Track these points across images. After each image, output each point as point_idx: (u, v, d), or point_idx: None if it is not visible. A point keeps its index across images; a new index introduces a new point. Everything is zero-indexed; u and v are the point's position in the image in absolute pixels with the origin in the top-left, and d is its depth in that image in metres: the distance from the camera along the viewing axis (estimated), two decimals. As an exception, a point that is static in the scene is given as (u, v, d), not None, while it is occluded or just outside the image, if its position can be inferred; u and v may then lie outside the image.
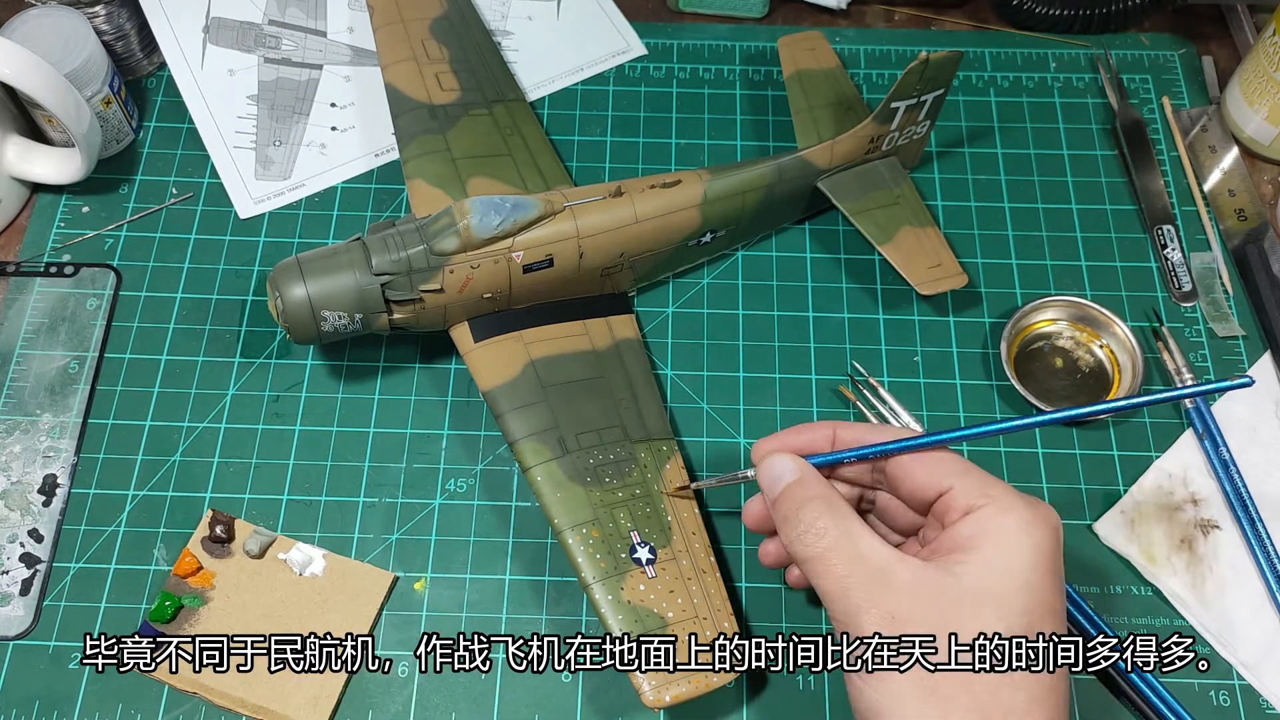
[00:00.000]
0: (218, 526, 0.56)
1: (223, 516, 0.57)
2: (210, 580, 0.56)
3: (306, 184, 0.69)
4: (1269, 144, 0.69)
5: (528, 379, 0.57)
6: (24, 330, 0.63)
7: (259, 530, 0.57)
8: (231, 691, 0.53)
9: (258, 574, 0.56)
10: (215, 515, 0.57)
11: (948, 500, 0.42)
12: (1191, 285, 0.65)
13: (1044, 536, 0.40)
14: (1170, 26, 0.76)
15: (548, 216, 0.58)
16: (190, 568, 0.56)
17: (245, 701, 0.53)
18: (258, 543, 0.56)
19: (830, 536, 0.42)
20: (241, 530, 0.57)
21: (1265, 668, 0.54)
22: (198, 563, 0.56)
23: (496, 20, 0.75)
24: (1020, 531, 0.40)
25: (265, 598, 0.55)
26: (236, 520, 0.57)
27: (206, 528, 0.57)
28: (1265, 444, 0.60)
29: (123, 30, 0.70)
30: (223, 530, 0.56)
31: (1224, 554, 0.57)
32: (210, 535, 0.56)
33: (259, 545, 0.56)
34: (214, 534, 0.56)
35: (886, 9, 0.77)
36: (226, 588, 0.56)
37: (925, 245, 0.64)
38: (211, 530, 0.56)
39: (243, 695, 0.53)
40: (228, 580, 0.56)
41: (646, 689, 0.49)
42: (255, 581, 0.56)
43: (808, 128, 0.67)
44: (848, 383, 0.62)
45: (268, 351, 0.63)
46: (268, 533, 0.57)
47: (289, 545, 0.57)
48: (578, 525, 0.53)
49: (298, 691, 0.53)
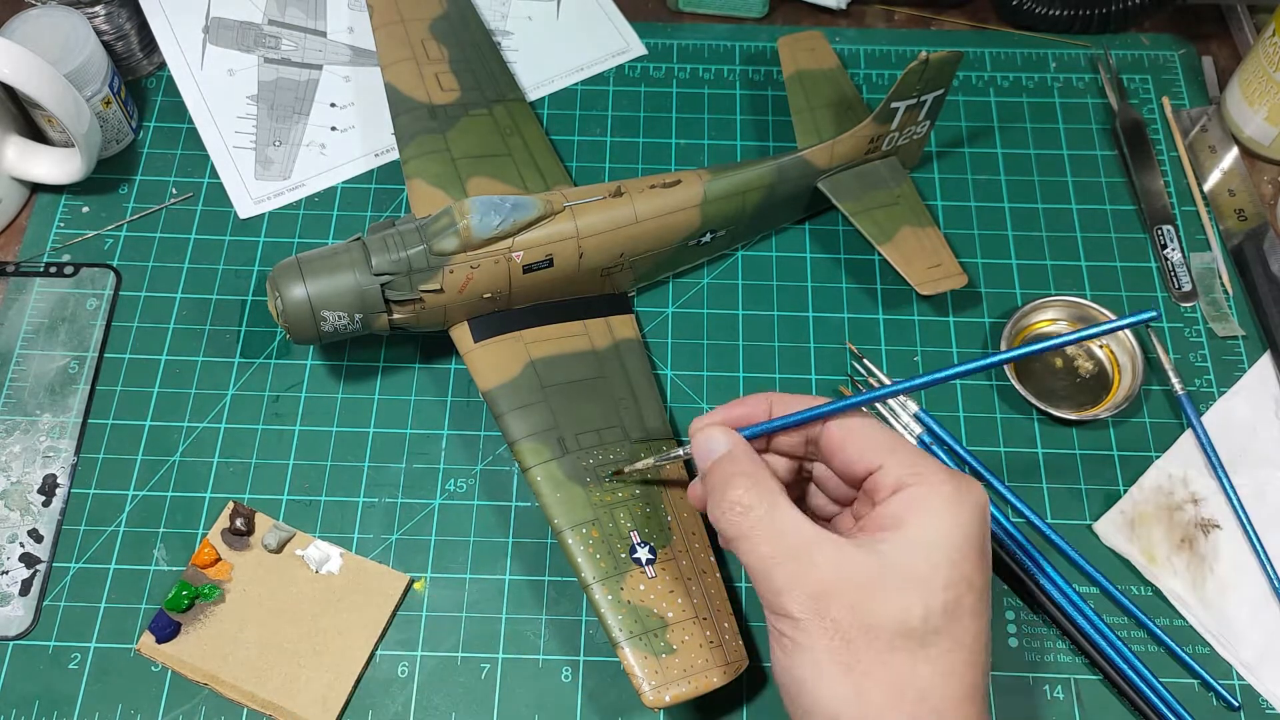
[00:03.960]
0: (238, 519, 0.57)
1: (244, 509, 0.57)
2: (228, 572, 0.56)
3: (306, 184, 0.69)
4: (1269, 144, 0.69)
5: (528, 379, 0.57)
6: (24, 330, 0.63)
7: (278, 525, 0.57)
8: (242, 685, 0.53)
9: (275, 569, 0.56)
10: (236, 507, 0.57)
11: (877, 478, 0.43)
12: (1191, 285, 0.65)
13: (968, 514, 0.41)
14: (1170, 26, 0.76)
15: (548, 216, 0.58)
16: (209, 558, 0.56)
17: (255, 696, 0.53)
18: (276, 538, 0.56)
19: (755, 514, 0.42)
20: (261, 524, 0.57)
21: (1265, 668, 0.54)
22: (216, 554, 0.56)
23: (496, 20, 0.75)
24: (944, 509, 0.41)
25: (281, 593, 0.56)
26: (257, 514, 0.57)
27: (227, 519, 0.57)
28: (1266, 443, 0.60)
29: (123, 30, 0.70)
30: (243, 523, 0.57)
31: (1224, 554, 0.57)
32: (231, 527, 0.57)
33: (278, 540, 0.56)
34: (234, 526, 0.57)
35: (886, 9, 0.77)
36: (243, 581, 0.56)
37: (925, 245, 0.64)
38: (232, 523, 0.57)
39: (253, 690, 0.53)
40: (245, 573, 0.56)
41: (646, 689, 0.49)
42: (272, 576, 0.56)
43: (808, 128, 0.67)
44: (848, 383, 0.62)
45: (268, 351, 0.63)
46: (287, 528, 0.57)
47: (307, 542, 0.57)
48: (577, 525, 0.53)
49: (307, 689, 0.53)
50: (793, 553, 0.41)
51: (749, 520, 0.42)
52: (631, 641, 0.50)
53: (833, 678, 0.39)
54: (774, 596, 0.41)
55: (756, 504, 0.42)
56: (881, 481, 0.42)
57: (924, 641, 0.39)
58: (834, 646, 0.39)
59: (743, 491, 0.43)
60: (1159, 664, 0.55)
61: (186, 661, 0.54)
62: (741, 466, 0.44)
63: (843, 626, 0.39)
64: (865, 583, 0.40)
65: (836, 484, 0.47)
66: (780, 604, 0.41)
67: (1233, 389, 0.62)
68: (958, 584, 0.40)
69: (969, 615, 0.40)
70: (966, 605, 0.40)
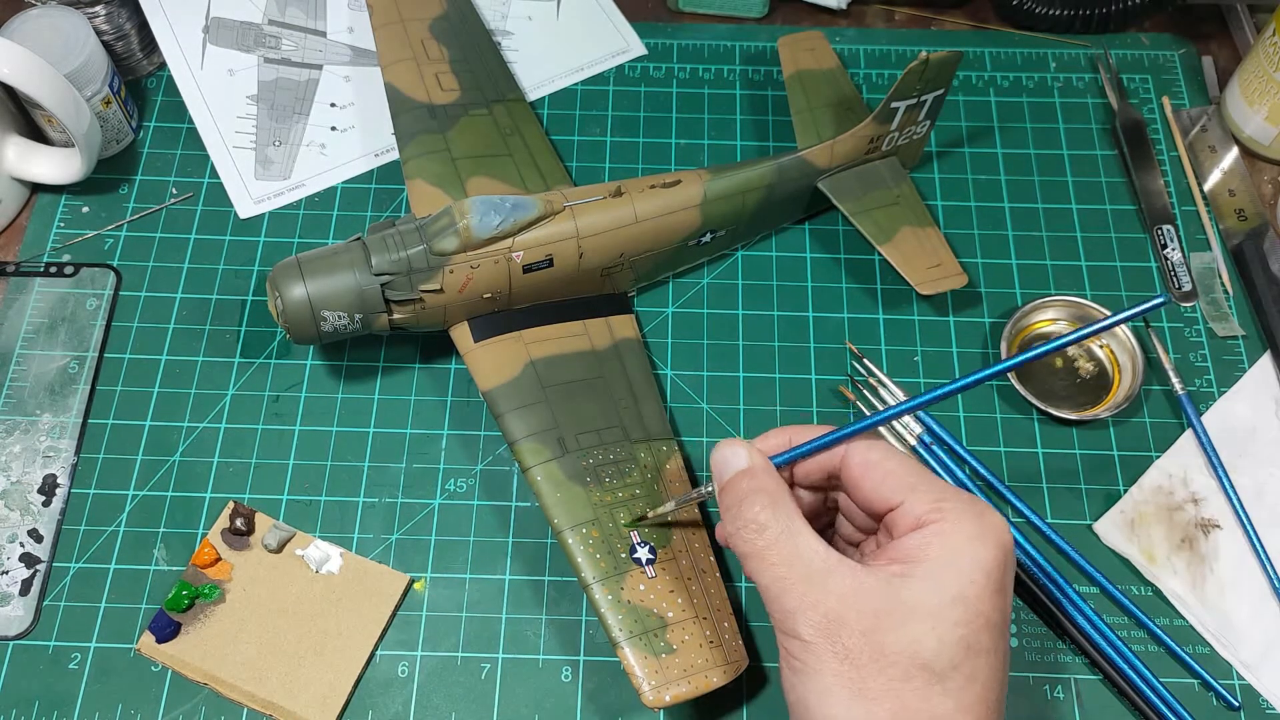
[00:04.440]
0: (238, 519, 0.57)
1: (244, 509, 0.57)
2: (228, 572, 0.56)
3: (306, 184, 0.69)
4: (1269, 144, 0.69)
5: (527, 379, 0.57)
6: (24, 330, 0.63)
7: (278, 525, 0.57)
8: (242, 685, 0.53)
9: (275, 569, 0.56)
10: (237, 507, 0.57)
11: (897, 515, 0.42)
12: (1191, 285, 0.65)
13: (988, 551, 0.40)
14: (1170, 26, 0.76)
15: (548, 216, 0.58)
16: (209, 558, 0.56)
17: (255, 696, 0.53)
18: (276, 537, 0.56)
19: (770, 533, 0.42)
20: (261, 524, 0.57)
21: (1265, 668, 0.54)
22: (216, 554, 0.56)
23: (496, 20, 0.75)
24: (964, 546, 0.40)
25: (281, 593, 0.56)
26: (257, 514, 0.57)
27: (227, 520, 0.57)
28: (1266, 443, 0.60)
29: (123, 30, 0.70)
30: (243, 523, 0.57)
31: (1225, 553, 0.57)
32: (231, 527, 0.57)
33: (278, 540, 0.56)
34: (234, 526, 0.57)
35: (886, 9, 0.77)
36: (243, 580, 0.56)
37: (925, 245, 0.64)
38: (232, 522, 0.57)
39: (253, 689, 0.53)
40: (245, 573, 0.56)
41: (646, 689, 0.49)
42: (272, 576, 0.56)
43: (808, 128, 0.67)
44: (848, 383, 0.62)
45: (268, 351, 0.63)
46: (287, 528, 0.57)
47: (307, 542, 0.57)
48: (578, 525, 0.53)
49: (307, 689, 0.53)
50: (806, 575, 0.40)
51: (763, 539, 0.42)
52: (631, 641, 0.50)
53: (840, 702, 0.39)
54: (785, 617, 0.41)
55: (772, 523, 0.42)
56: (901, 519, 0.42)
57: (940, 676, 0.39)
58: (843, 671, 0.39)
59: (759, 509, 0.42)
60: (1159, 664, 0.55)
61: (186, 661, 0.54)
62: (760, 483, 0.43)
63: (853, 653, 0.39)
64: (878, 612, 0.39)
65: (861, 514, 0.46)
66: (791, 625, 0.40)
67: (1233, 389, 0.62)
68: (974, 621, 0.39)
69: (986, 652, 0.40)
70: (984, 642, 0.39)
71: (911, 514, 0.41)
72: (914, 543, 0.41)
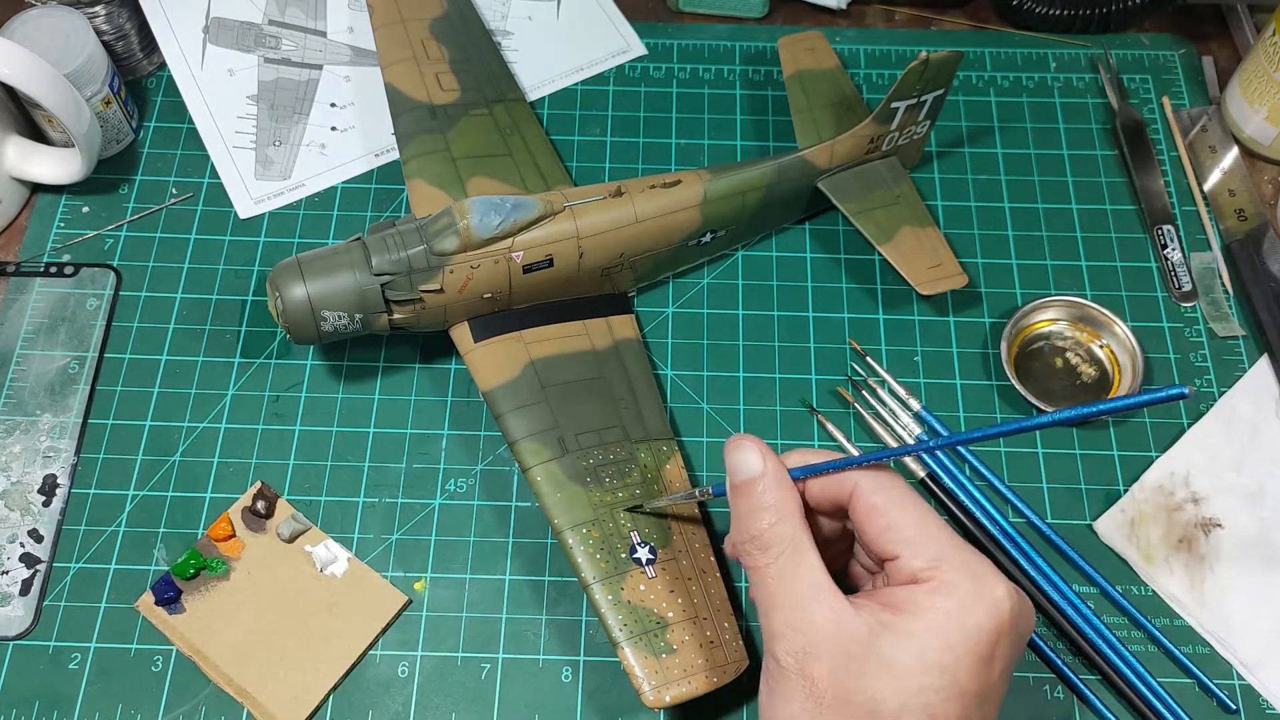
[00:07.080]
0: (260, 501, 0.57)
1: (269, 492, 0.57)
2: (238, 551, 0.56)
3: (306, 184, 0.69)
4: (1269, 144, 0.69)
5: (527, 379, 0.57)
6: (24, 330, 0.63)
7: (295, 516, 0.57)
8: (223, 666, 0.53)
9: (282, 559, 0.56)
10: (262, 488, 0.57)
11: (894, 564, 0.41)
12: (1191, 285, 0.65)
13: (977, 619, 0.39)
14: (1170, 26, 0.76)
15: (548, 216, 0.58)
16: (224, 533, 0.56)
17: (231, 680, 0.53)
18: (290, 528, 0.57)
19: (773, 552, 0.41)
20: (281, 511, 0.57)
21: (1265, 668, 0.54)
22: (232, 529, 0.57)
23: (496, 20, 0.75)
24: (951, 611, 0.39)
25: (282, 584, 0.56)
26: (280, 500, 0.58)
27: (250, 498, 0.57)
28: (1266, 442, 0.60)
29: (123, 30, 0.70)
30: (264, 506, 0.57)
31: (1225, 554, 0.57)
32: (251, 506, 0.57)
33: (290, 531, 0.56)
34: (255, 506, 0.57)
35: (886, 9, 0.77)
36: (250, 563, 0.56)
37: (925, 245, 0.64)
38: (254, 502, 0.57)
39: (231, 674, 0.53)
40: (253, 556, 0.56)
41: (646, 689, 0.49)
42: (278, 566, 0.56)
43: (808, 128, 0.67)
44: (847, 384, 0.62)
45: (268, 351, 0.63)
46: (304, 521, 0.57)
47: (319, 539, 0.57)
48: (578, 525, 0.53)
49: (282, 686, 0.53)
50: (795, 601, 0.40)
51: (766, 556, 0.42)
52: (631, 641, 0.50)
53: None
54: (769, 636, 0.41)
55: (776, 543, 0.42)
56: (896, 571, 0.41)
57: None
58: (808, 706, 0.39)
59: (766, 526, 0.42)
60: (1159, 664, 0.55)
61: (178, 630, 0.54)
62: (770, 499, 0.42)
63: (819, 689, 0.39)
64: (851, 655, 0.39)
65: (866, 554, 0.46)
66: (771, 646, 0.41)
67: (1233, 388, 0.62)
68: (945, 689, 0.38)
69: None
70: (951, 713, 0.38)
71: (907, 569, 0.40)
72: (902, 596, 0.40)
